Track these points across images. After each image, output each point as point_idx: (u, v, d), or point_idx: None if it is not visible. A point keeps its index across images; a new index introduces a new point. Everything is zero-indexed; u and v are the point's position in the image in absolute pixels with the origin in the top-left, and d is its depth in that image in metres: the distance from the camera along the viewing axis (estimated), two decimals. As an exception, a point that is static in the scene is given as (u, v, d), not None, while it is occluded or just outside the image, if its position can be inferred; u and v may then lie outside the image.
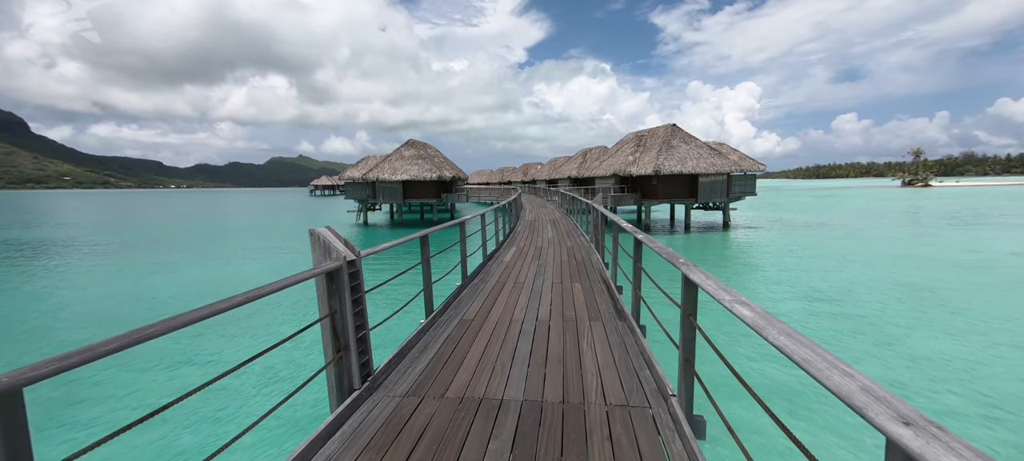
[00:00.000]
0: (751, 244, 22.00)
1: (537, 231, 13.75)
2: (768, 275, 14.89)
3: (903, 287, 12.88)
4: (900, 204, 48.77)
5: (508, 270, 7.51)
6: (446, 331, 4.32)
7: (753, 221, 32.70)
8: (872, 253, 18.70)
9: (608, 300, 5.38)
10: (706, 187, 27.78)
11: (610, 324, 4.43)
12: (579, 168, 44.47)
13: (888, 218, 33.23)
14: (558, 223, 16.18)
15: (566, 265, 7.95)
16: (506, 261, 8.46)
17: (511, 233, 13.37)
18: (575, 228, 14.23)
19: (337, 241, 2.68)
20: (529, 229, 14.37)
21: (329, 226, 2.84)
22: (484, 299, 5.54)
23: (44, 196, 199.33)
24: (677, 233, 26.88)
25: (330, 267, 2.47)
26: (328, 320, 2.55)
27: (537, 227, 14.93)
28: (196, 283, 15.60)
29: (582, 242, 10.98)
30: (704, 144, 28.86)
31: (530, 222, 16.70)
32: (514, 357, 3.60)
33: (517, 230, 14.03)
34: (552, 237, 12.04)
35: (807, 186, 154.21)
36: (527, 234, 12.99)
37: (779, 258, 18.03)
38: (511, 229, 14.36)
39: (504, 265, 8.02)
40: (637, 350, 3.70)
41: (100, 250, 23.88)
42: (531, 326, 4.45)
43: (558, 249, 9.81)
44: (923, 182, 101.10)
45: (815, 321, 9.98)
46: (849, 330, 9.33)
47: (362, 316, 2.83)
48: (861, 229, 26.89)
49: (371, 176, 34.59)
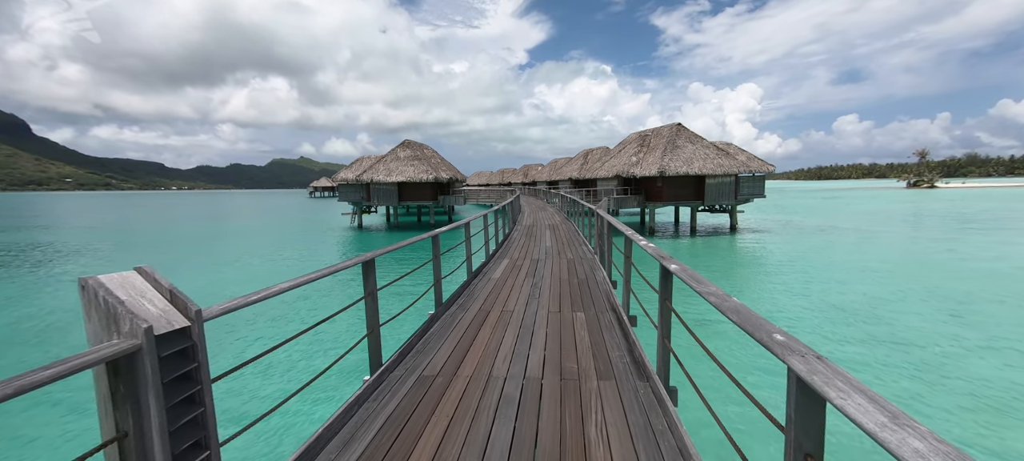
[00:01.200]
0: (762, 249, 20.77)
1: (534, 238, 12.58)
2: (787, 285, 13.67)
3: (938, 299, 11.65)
4: (909, 206, 47.45)
5: (496, 291, 6.36)
6: (391, 402, 3.10)
7: (761, 224, 31.46)
8: (894, 260, 17.45)
9: (621, 341, 4.18)
10: (713, 189, 26.55)
11: (627, 387, 3.27)
12: (580, 169, 43.29)
13: (901, 221, 31.96)
14: (558, 229, 14.98)
15: (566, 285, 6.80)
16: (495, 278, 7.30)
17: (505, 240, 12.20)
18: (576, 235, 13.06)
19: (145, 301, 1.48)
20: (525, 236, 13.22)
21: (141, 267, 1.63)
22: (458, 340, 4.35)
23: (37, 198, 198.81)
24: (682, 237, 25.66)
25: (114, 352, 1.33)
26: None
27: (535, 234, 13.76)
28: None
29: (585, 253, 9.79)
30: (711, 144, 27.64)
31: (528, 227, 15.52)
32: (485, 453, 2.40)
33: (512, 237, 12.85)
34: (550, 247, 10.84)
35: (811, 188, 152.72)
36: (523, 242, 11.82)
37: (795, 265, 16.80)
38: (506, 236, 13.19)
39: (492, 284, 6.86)
40: (671, 441, 2.51)
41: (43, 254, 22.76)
42: (515, 388, 3.28)
43: (557, 262, 8.64)
44: (929, 184, 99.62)
45: (851, 348, 8.67)
46: (900, 363, 7.97)
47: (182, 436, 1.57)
48: (875, 233, 25.63)
49: (365, 177, 33.44)
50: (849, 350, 8.49)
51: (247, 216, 55.34)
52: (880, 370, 7.57)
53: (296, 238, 29.98)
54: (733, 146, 30.29)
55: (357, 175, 34.56)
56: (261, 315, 11.05)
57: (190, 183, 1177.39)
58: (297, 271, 17.90)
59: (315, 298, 12.79)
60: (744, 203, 27.94)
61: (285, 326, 10.43)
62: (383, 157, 35.52)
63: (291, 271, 18.10)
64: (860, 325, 9.85)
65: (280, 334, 9.88)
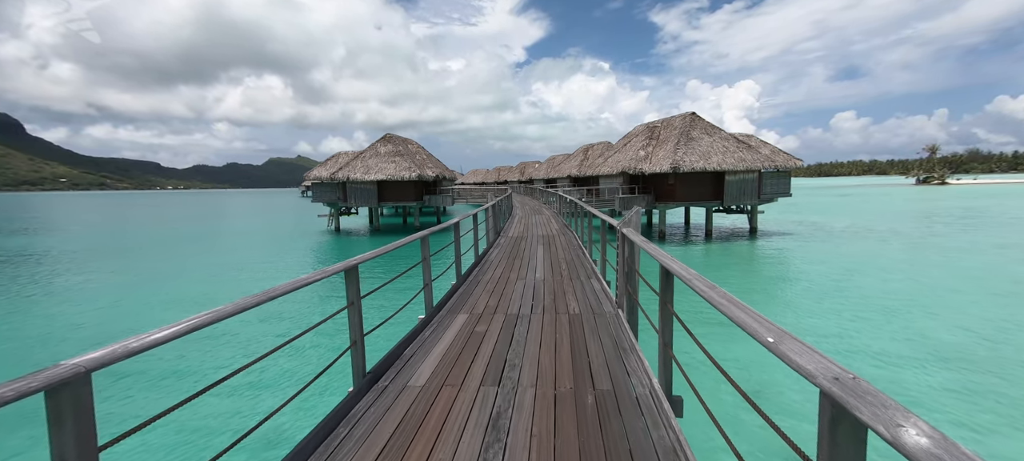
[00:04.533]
0: (797, 259, 17.38)
1: (521, 259, 8.95)
2: (853, 310, 10.25)
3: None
4: (933, 204, 44.15)
5: (432, 391, 3.25)
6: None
7: (783, 226, 28.10)
8: (973, 273, 13.98)
9: None
10: (734, 187, 23.13)
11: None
12: (580, 166, 39.78)
13: (943, 222, 28.55)
14: (554, 243, 11.17)
15: (567, 369, 3.53)
16: (438, 355, 3.91)
17: (480, 262, 8.71)
18: (578, 256, 9.24)
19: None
20: (509, 254, 9.58)
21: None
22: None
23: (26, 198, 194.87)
24: (694, 241, 22.26)
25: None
26: None
27: (522, 250, 10.08)
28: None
29: (595, 292, 6.09)
30: (730, 136, 24.22)
31: (514, 240, 11.85)
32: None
33: (490, 258, 9.15)
34: (543, 276, 7.21)
35: (816, 184, 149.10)
36: (503, 266, 8.25)
37: (851, 281, 13.40)
38: (484, 252, 9.72)
39: (431, 367, 3.64)
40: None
41: None
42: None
43: (552, 313, 5.13)
44: (939, 180, 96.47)
45: None
46: None
47: None
48: (922, 237, 22.24)
49: (341, 176, 29.94)
50: None
51: (222, 218, 51.83)
52: None
53: (260, 246, 26.50)
54: (754, 138, 26.86)
55: (331, 173, 31.02)
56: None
57: (186, 182, 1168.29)
58: (242, 291, 14.46)
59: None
60: (767, 203, 24.56)
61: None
62: (361, 153, 31.99)
63: (229, 293, 14.66)
64: (1001, 382, 6.44)
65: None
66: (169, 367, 8.14)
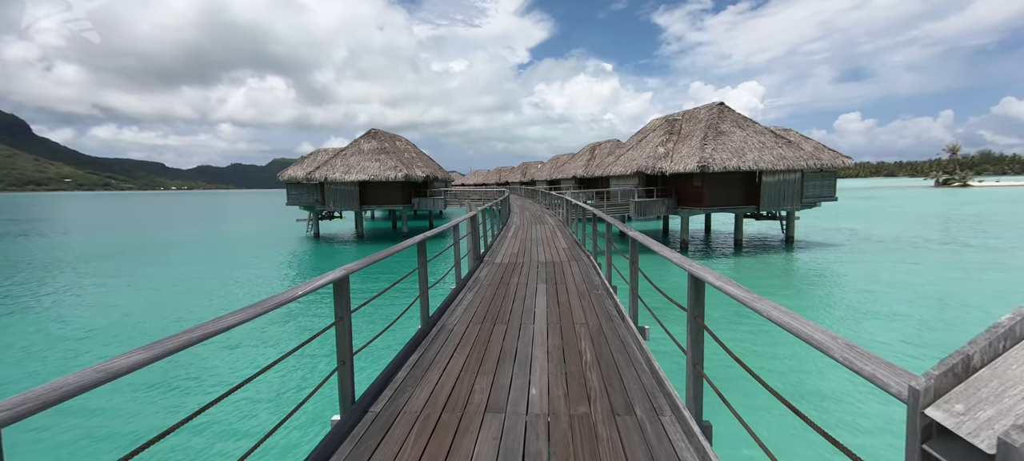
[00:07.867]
0: (857, 276, 13.83)
1: (513, 299, 5.51)
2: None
3: None
4: (971, 208, 40.36)
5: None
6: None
7: (819, 234, 24.53)
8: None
9: None
10: (772, 189, 19.58)
11: None
12: (587, 166, 36.24)
13: (1005, 227, 24.83)
14: (561, 270, 7.64)
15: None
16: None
17: (454, 302, 5.31)
18: (591, 292, 5.85)
19: None
20: (496, 286, 6.22)
21: None
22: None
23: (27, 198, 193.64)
24: (722, 252, 18.75)
25: None
26: None
27: (514, 281, 6.68)
28: None
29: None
30: (767, 129, 20.67)
31: (503, 269, 8.01)
32: None
33: (460, 304, 5.57)
34: (546, 344, 3.92)
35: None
36: (486, 308, 4.96)
37: (946, 317, 9.89)
38: (463, 282, 6.27)
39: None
40: None
41: None
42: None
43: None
44: (961, 182, 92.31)
45: None
46: None
47: None
48: (1004, 249, 18.60)
49: (318, 176, 26.61)
50: None
51: (202, 221, 48.70)
52: None
53: (226, 256, 23.17)
54: (793, 132, 23.29)
55: (308, 173, 27.68)
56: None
57: (190, 183, 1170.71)
58: (188, 322, 11.08)
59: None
60: (809, 207, 20.99)
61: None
62: (342, 150, 28.64)
63: (171, 324, 11.33)
64: None
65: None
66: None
